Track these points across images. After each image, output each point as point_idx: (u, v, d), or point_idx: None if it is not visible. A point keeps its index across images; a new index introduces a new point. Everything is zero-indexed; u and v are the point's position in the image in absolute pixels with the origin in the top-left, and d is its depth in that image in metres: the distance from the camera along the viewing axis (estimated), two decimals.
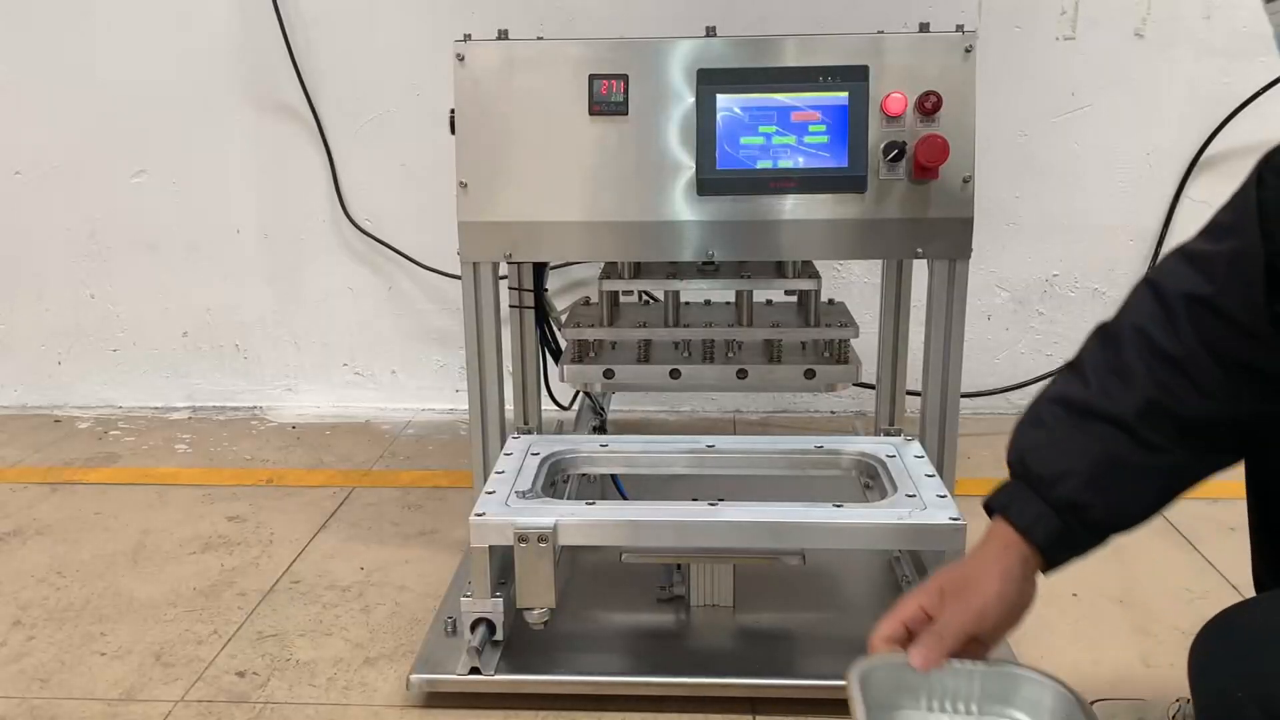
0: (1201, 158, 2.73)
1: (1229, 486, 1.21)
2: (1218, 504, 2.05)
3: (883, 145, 1.73)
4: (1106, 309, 1.17)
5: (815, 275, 1.98)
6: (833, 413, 2.97)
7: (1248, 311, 1.06)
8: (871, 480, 1.76)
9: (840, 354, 1.98)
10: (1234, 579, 1.97)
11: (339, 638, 1.84)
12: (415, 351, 3.07)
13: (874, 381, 2.23)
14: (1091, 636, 1.80)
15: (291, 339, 3.08)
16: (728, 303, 2.11)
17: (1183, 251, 1.14)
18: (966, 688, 1.14)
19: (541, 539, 1.51)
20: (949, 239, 1.79)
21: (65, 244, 3.03)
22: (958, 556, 1.53)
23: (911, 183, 1.75)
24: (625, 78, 1.75)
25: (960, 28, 1.75)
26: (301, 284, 3.03)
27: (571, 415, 2.53)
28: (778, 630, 1.75)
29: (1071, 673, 1.66)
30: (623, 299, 2.11)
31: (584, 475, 1.90)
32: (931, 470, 1.69)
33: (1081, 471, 1.11)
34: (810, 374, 1.95)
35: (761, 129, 1.74)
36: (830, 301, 2.11)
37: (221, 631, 1.86)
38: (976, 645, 1.14)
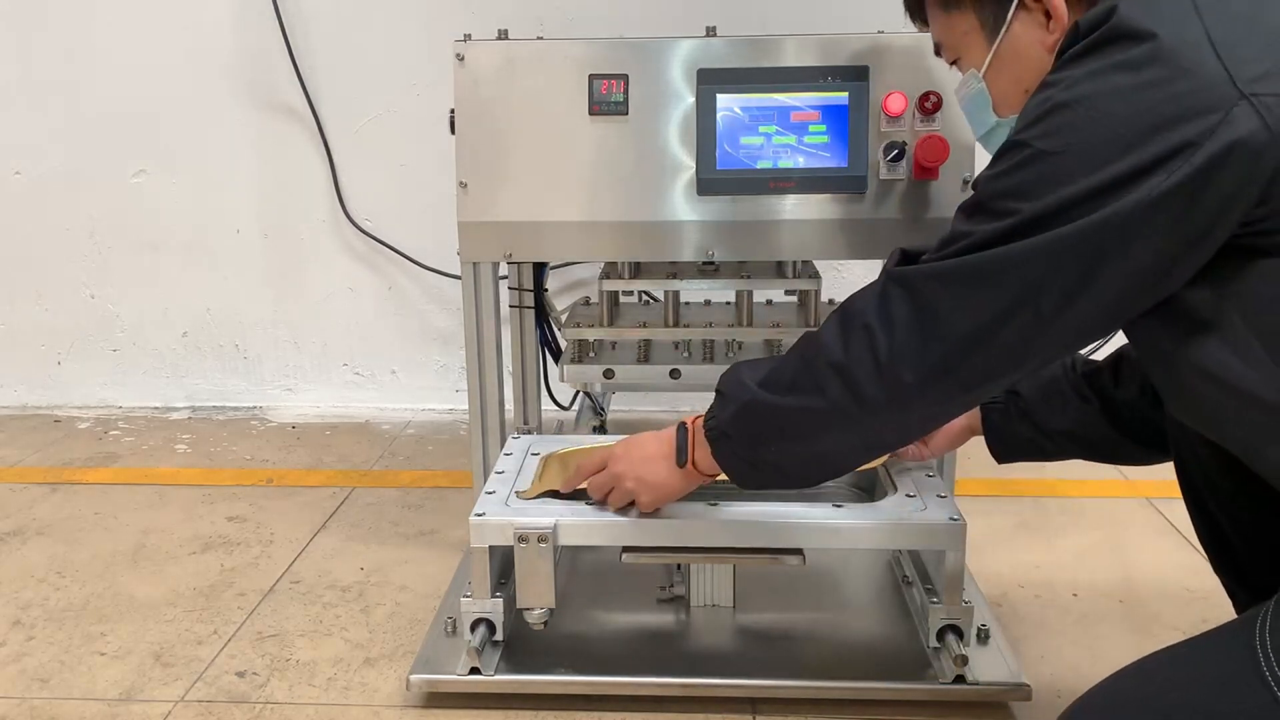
0: None
1: None
2: None
3: (883, 145, 1.73)
4: None
5: (815, 275, 1.98)
6: None
7: None
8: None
9: None
10: None
11: (339, 638, 1.84)
12: (415, 351, 3.07)
13: None
14: (1091, 636, 1.80)
15: (291, 339, 3.08)
16: (728, 303, 2.11)
17: None
18: None
19: (541, 539, 1.51)
20: None
21: (65, 244, 3.03)
22: (958, 556, 1.54)
23: (911, 183, 1.75)
24: (625, 78, 1.75)
25: None
26: (301, 284, 3.03)
27: (571, 415, 2.53)
28: (778, 630, 1.75)
29: (1071, 673, 1.67)
30: (623, 299, 2.11)
31: None
32: (931, 470, 1.69)
33: None
34: None
35: (761, 129, 1.74)
36: (830, 301, 2.11)
37: (221, 631, 1.86)
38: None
